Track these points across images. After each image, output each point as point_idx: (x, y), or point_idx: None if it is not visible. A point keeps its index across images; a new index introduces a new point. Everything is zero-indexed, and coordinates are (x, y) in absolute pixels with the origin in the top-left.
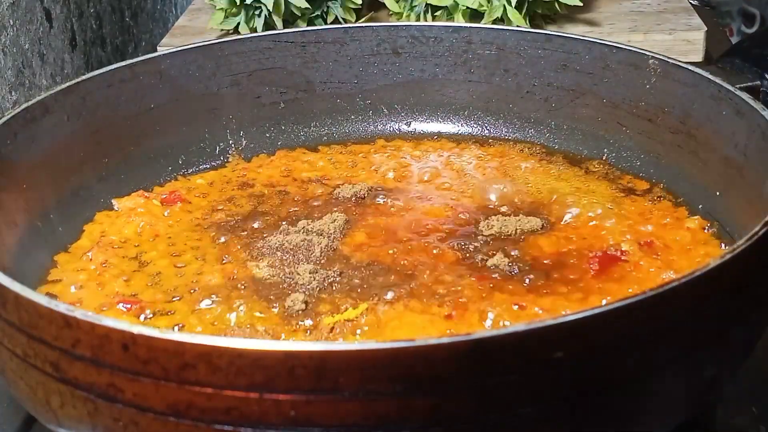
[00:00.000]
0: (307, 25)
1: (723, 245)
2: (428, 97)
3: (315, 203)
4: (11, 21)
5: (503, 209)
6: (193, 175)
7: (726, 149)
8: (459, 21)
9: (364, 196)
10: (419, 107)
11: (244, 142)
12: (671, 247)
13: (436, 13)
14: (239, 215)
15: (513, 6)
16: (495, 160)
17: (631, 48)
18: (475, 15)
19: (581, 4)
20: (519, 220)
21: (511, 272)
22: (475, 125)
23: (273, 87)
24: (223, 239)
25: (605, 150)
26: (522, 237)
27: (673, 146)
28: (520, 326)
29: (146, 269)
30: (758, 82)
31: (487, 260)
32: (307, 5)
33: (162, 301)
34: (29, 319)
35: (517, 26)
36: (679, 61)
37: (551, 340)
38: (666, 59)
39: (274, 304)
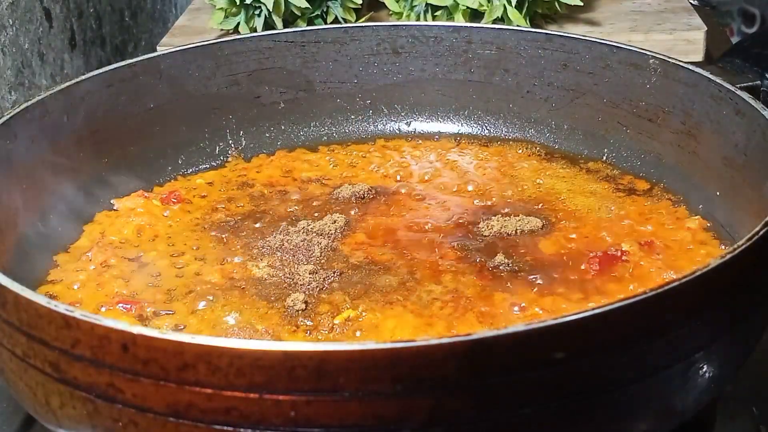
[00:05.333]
0: (307, 25)
1: (723, 245)
2: (428, 97)
3: (315, 203)
4: (11, 21)
5: (503, 209)
6: (193, 175)
7: (726, 149)
8: (459, 21)
9: (363, 196)
10: (419, 107)
11: (244, 142)
12: (671, 247)
13: (436, 13)
14: (239, 215)
15: (513, 6)
16: (495, 160)
17: (631, 48)
18: (475, 15)
19: (582, 4)
20: (519, 220)
21: (511, 272)
22: (475, 125)
23: (273, 87)
24: (223, 239)
25: (605, 150)
26: (522, 237)
27: (673, 146)
28: (520, 326)
29: (146, 269)
30: (758, 82)
31: (487, 260)
32: (307, 5)
33: (162, 301)
34: (29, 319)
35: (518, 26)
36: (680, 61)
37: (551, 340)
38: (666, 59)
39: (274, 304)
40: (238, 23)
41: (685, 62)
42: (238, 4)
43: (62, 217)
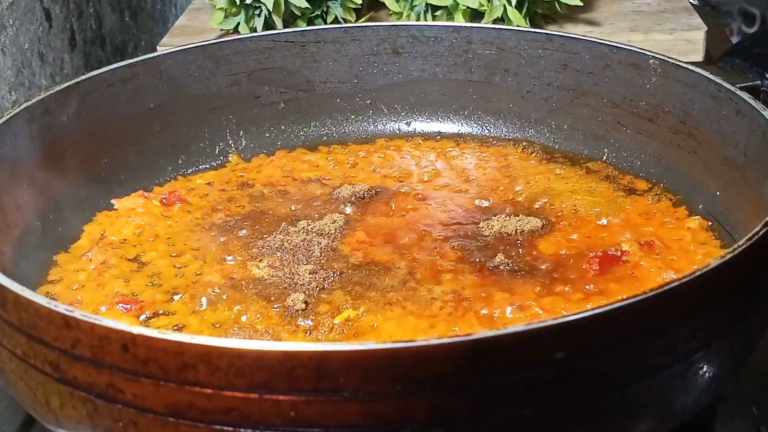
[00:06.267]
0: (307, 25)
1: (723, 245)
2: (428, 97)
3: (315, 203)
4: (11, 21)
5: (503, 209)
6: (193, 175)
7: (726, 149)
8: (459, 21)
9: (364, 196)
10: (419, 107)
11: (244, 142)
12: (671, 247)
13: (436, 13)
14: (239, 215)
15: (513, 6)
16: (495, 160)
17: (631, 48)
18: (475, 15)
19: (581, 4)
20: (519, 220)
21: (511, 272)
22: (475, 125)
23: (273, 87)
24: (223, 239)
25: (605, 150)
26: (522, 237)
27: (673, 146)
28: (520, 326)
29: (146, 269)
30: (758, 82)
31: (487, 260)
32: (307, 5)
33: (162, 302)
34: (29, 319)
35: (518, 26)
36: (680, 61)
37: (551, 340)
38: (666, 59)
39: (274, 304)
40: (238, 23)
41: (685, 62)
42: (238, 4)
43: (62, 217)
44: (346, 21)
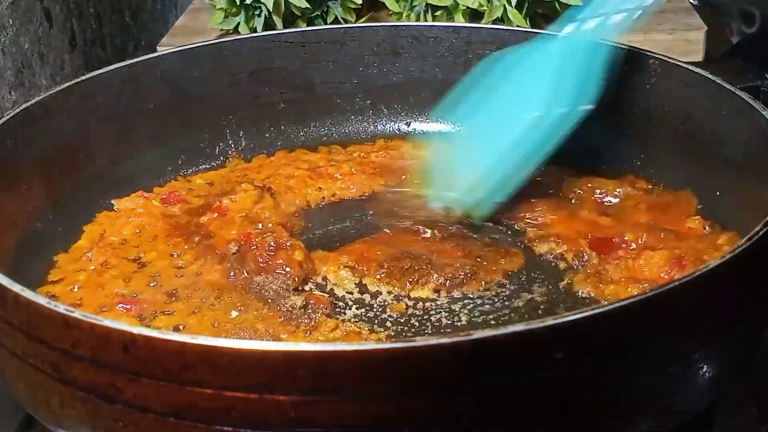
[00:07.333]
0: (307, 25)
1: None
2: (428, 97)
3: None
4: (11, 21)
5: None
6: (193, 175)
7: (726, 149)
8: (459, 21)
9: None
10: (419, 107)
11: (244, 142)
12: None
13: (436, 13)
14: None
15: (513, 6)
16: None
17: (631, 48)
18: (475, 15)
19: (581, 4)
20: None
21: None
22: None
23: (273, 87)
24: None
25: (606, 151)
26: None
27: (673, 146)
28: (520, 326)
29: (146, 270)
30: (758, 82)
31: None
32: (307, 5)
33: (162, 302)
34: (29, 319)
35: (518, 26)
36: (680, 61)
37: (551, 340)
38: (666, 59)
39: (274, 304)
40: (238, 23)
41: (685, 62)
42: (238, 4)
43: (62, 217)
44: (346, 21)
